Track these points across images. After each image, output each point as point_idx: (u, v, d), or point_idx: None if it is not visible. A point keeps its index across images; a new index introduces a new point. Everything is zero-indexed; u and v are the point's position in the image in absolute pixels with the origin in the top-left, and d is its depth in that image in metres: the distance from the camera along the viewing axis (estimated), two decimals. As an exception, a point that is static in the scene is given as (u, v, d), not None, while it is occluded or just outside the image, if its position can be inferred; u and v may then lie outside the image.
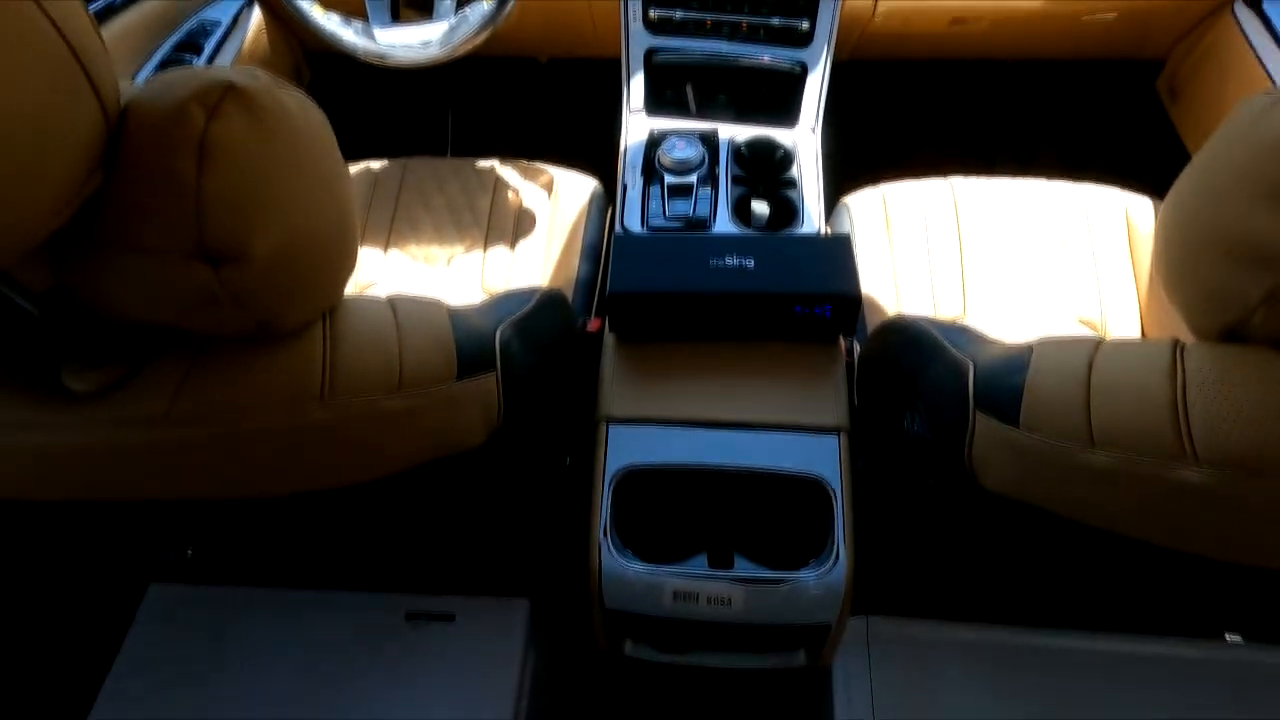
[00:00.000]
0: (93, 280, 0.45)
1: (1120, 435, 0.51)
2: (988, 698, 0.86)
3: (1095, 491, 0.54)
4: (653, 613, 0.77)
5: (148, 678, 0.90)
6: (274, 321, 0.50)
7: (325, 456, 0.55)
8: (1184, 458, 0.48)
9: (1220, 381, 0.48)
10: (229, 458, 0.52)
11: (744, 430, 0.81)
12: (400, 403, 0.56)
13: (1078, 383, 0.54)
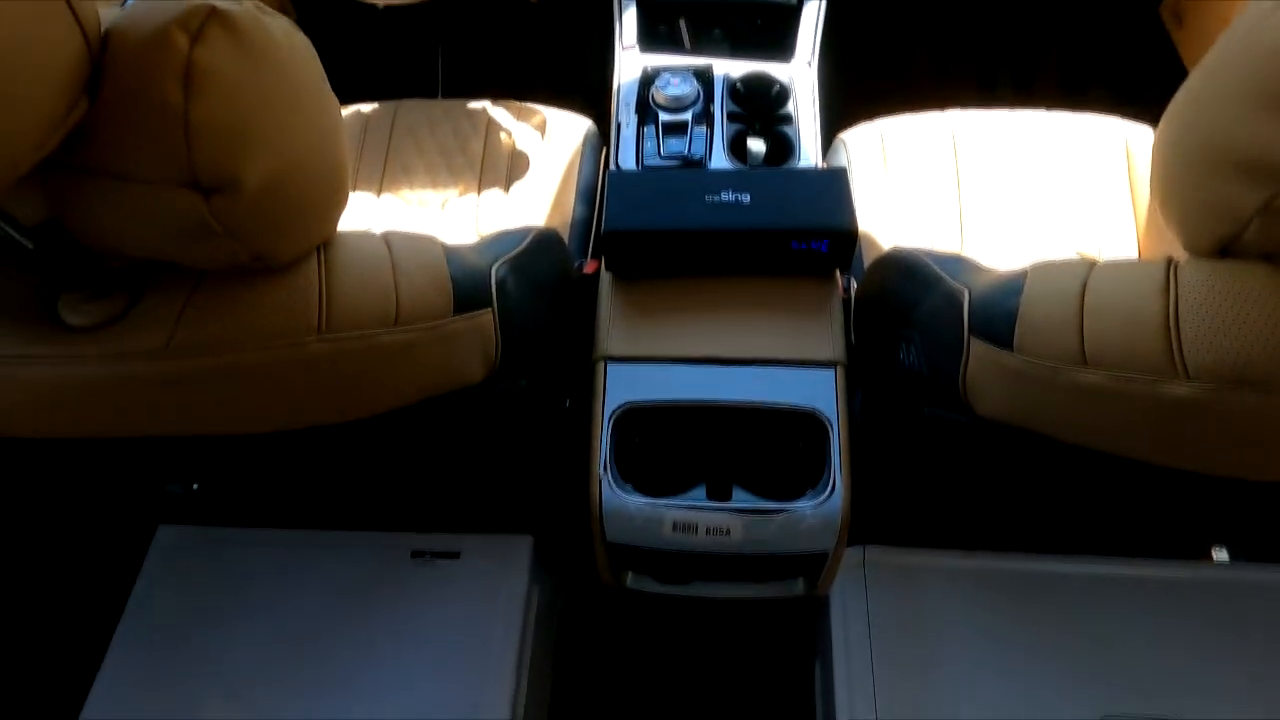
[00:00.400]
0: (84, 213, 0.45)
1: (1112, 354, 0.51)
2: (982, 622, 0.88)
3: (1087, 411, 0.55)
4: (653, 545, 0.78)
5: (159, 618, 0.92)
6: (268, 254, 0.50)
7: (326, 391, 0.56)
8: (1174, 374, 0.49)
9: (1212, 296, 0.48)
10: (231, 392, 0.53)
11: (741, 366, 0.81)
12: (398, 337, 0.56)
13: (1071, 304, 0.54)
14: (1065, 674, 0.85)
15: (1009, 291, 0.60)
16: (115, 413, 0.53)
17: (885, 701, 0.85)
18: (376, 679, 0.87)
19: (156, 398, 0.52)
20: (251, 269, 0.52)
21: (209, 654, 0.90)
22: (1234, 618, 0.88)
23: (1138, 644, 0.87)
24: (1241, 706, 0.83)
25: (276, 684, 0.87)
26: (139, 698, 0.87)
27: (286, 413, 0.56)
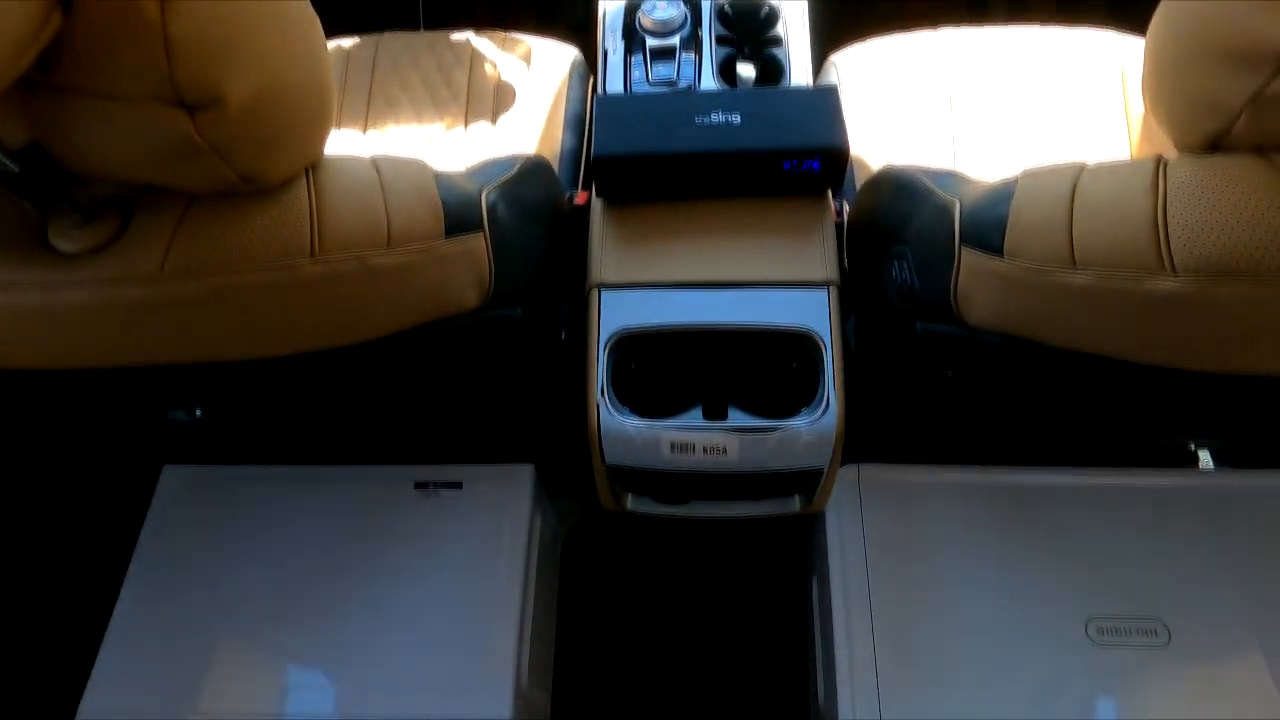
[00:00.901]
0: (66, 134, 0.45)
1: (1101, 253, 0.52)
2: (974, 534, 0.90)
3: (1075, 313, 0.55)
4: (651, 466, 0.80)
5: (169, 558, 0.94)
6: (257, 174, 0.49)
7: (323, 314, 0.56)
8: (1161, 270, 0.49)
9: (1199, 190, 0.48)
10: (226, 316, 0.53)
11: (734, 289, 0.82)
12: (391, 259, 0.57)
13: (1061, 205, 0.54)
14: (1053, 581, 0.88)
15: (999, 198, 0.60)
16: (109, 340, 0.53)
17: (881, 614, 0.88)
18: (384, 609, 0.90)
19: (150, 324, 0.52)
20: (240, 192, 0.51)
21: (219, 591, 0.92)
22: (1218, 523, 0.91)
23: (1124, 551, 0.89)
24: (1224, 608, 0.86)
25: (286, 618, 0.90)
26: (153, 636, 0.89)
27: (283, 337, 0.57)
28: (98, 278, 0.50)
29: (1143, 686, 0.83)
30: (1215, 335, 0.51)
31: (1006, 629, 0.86)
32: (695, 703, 1.13)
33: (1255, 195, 0.47)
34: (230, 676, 0.87)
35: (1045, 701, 0.82)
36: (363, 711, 0.84)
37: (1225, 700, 0.82)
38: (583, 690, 1.15)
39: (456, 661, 0.86)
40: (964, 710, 0.82)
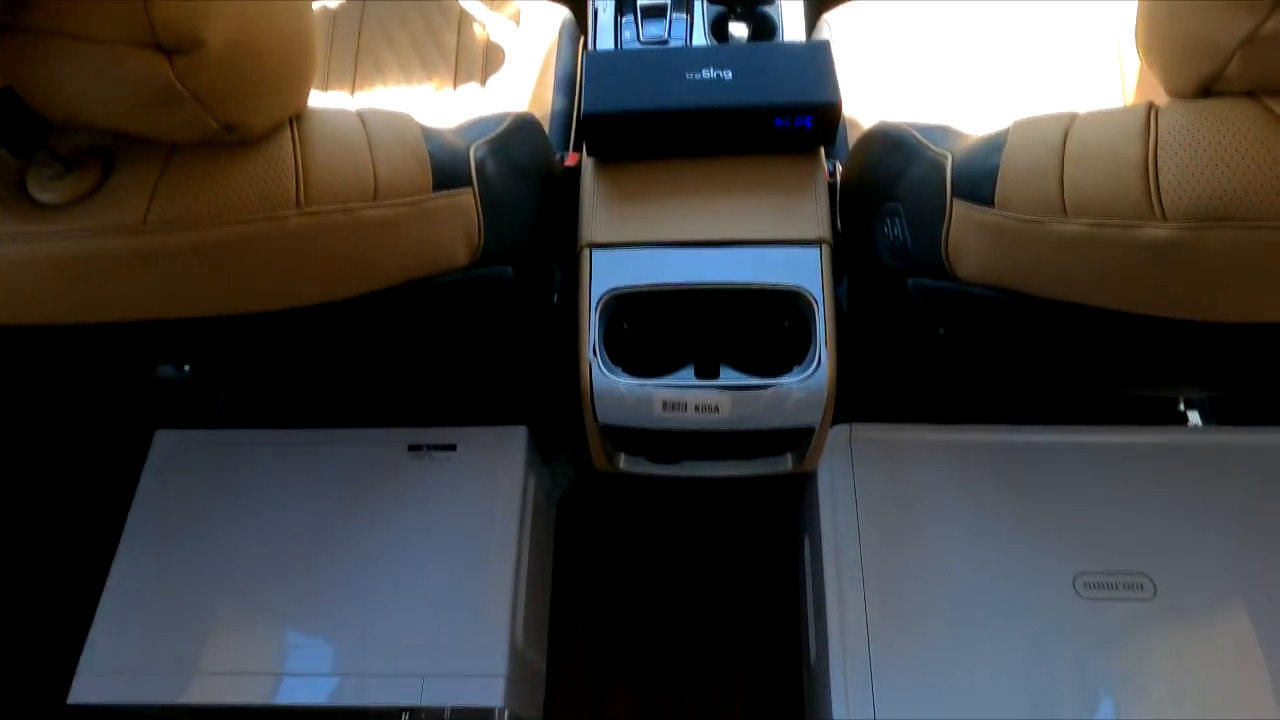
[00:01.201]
0: (41, 80, 0.44)
1: (1092, 201, 0.52)
2: (964, 491, 0.91)
3: (1066, 263, 0.55)
4: (644, 425, 0.80)
5: (163, 523, 0.95)
6: (239, 123, 0.49)
7: (311, 268, 0.56)
8: (1151, 216, 0.49)
9: (1191, 135, 0.48)
10: (212, 269, 0.52)
11: (726, 248, 0.81)
12: (380, 212, 0.56)
13: (1052, 154, 0.54)
14: (1042, 537, 0.89)
15: (991, 149, 0.60)
16: (93, 294, 0.53)
17: (871, 571, 0.89)
18: (378, 571, 0.90)
19: (135, 277, 0.52)
20: (224, 142, 0.51)
21: (214, 555, 0.92)
22: (1206, 479, 0.92)
23: (1112, 507, 0.90)
24: (1210, 563, 0.87)
25: (282, 580, 0.90)
26: (149, 600, 0.90)
27: (272, 291, 0.56)
28: (79, 228, 0.49)
29: (1129, 640, 0.84)
30: (1205, 283, 0.51)
31: (995, 585, 0.87)
32: (689, 660, 1.15)
33: (1246, 138, 0.46)
34: (227, 637, 0.88)
35: (1033, 655, 0.84)
36: (359, 669, 0.85)
37: (1209, 653, 0.83)
38: (578, 650, 1.16)
39: (451, 621, 0.87)
40: (953, 666, 0.83)
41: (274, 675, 0.86)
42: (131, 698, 0.86)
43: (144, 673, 0.87)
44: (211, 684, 0.86)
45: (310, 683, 0.85)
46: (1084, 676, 0.82)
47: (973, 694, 0.82)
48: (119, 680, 0.86)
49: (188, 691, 0.85)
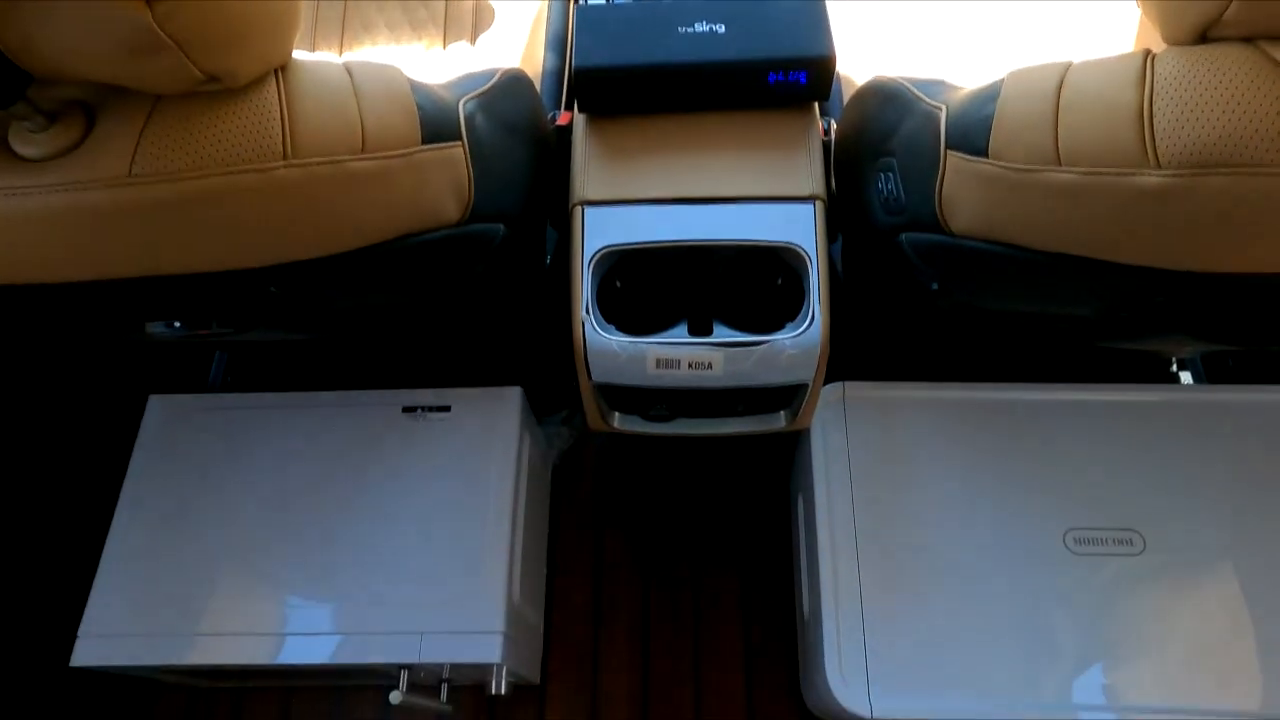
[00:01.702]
0: (19, 28, 0.43)
1: (1086, 150, 0.51)
2: (956, 449, 0.92)
3: (1059, 214, 0.55)
4: (637, 383, 0.80)
5: (159, 488, 0.95)
6: (222, 71, 0.48)
7: (300, 222, 0.55)
8: (1146, 164, 0.49)
9: (1186, 81, 0.48)
10: (200, 223, 0.52)
11: (719, 204, 0.81)
12: (369, 165, 0.55)
13: (1046, 103, 0.54)
14: (1033, 494, 0.90)
15: (985, 99, 0.59)
16: (78, 250, 0.52)
17: (864, 528, 0.89)
18: (376, 530, 0.91)
19: (121, 231, 0.51)
20: (208, 93, 0.50)
21: (211, 518, 0.93)
22: (1195, 437, 0.92)
23: (1103, 464, 0.91)
24: (1198, 518, 0.88)
25: (279, 542, 0.91)
26: (147, 565, 0.91)
27: (261, 246, 0.56)
28: (63, 182, 0.48)
29: (1118, 594, 0.85)
30: (1198, 233, 0.50)
31: (987, 541, 0.88)
32: (685, 618, 1.16)
33: (1243, 84, 0.46)
34: (227, 599, 0.88)
35: (1023, 609, 0.85)
36: (358, 628, 0.86)
37: (1194, 606, 0.85)
38: (576, 609, 1.17)
39: (449, 580, 0.88)
40: (945, 620, 0.85)
41: (275, 635, 0.87)
42: (134, 659, 0.87)
43: (145, 635, 0.87)
44: (214, 645, 0.86)
45: (311, 642, 0.86)
46: (1074, 630, 0.84)
47: (964, 648, 0.83)
48: (120, 643, 0.87)
49: (191, 652, 0.86)
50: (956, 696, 0.82)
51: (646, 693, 1.12)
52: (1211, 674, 0.82)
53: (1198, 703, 0.81)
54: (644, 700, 1.12)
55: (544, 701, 1.12)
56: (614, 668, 1.14)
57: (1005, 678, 0.82)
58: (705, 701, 1.11)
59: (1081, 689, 0.81)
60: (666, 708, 1.11)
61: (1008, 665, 0.83)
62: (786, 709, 1.10)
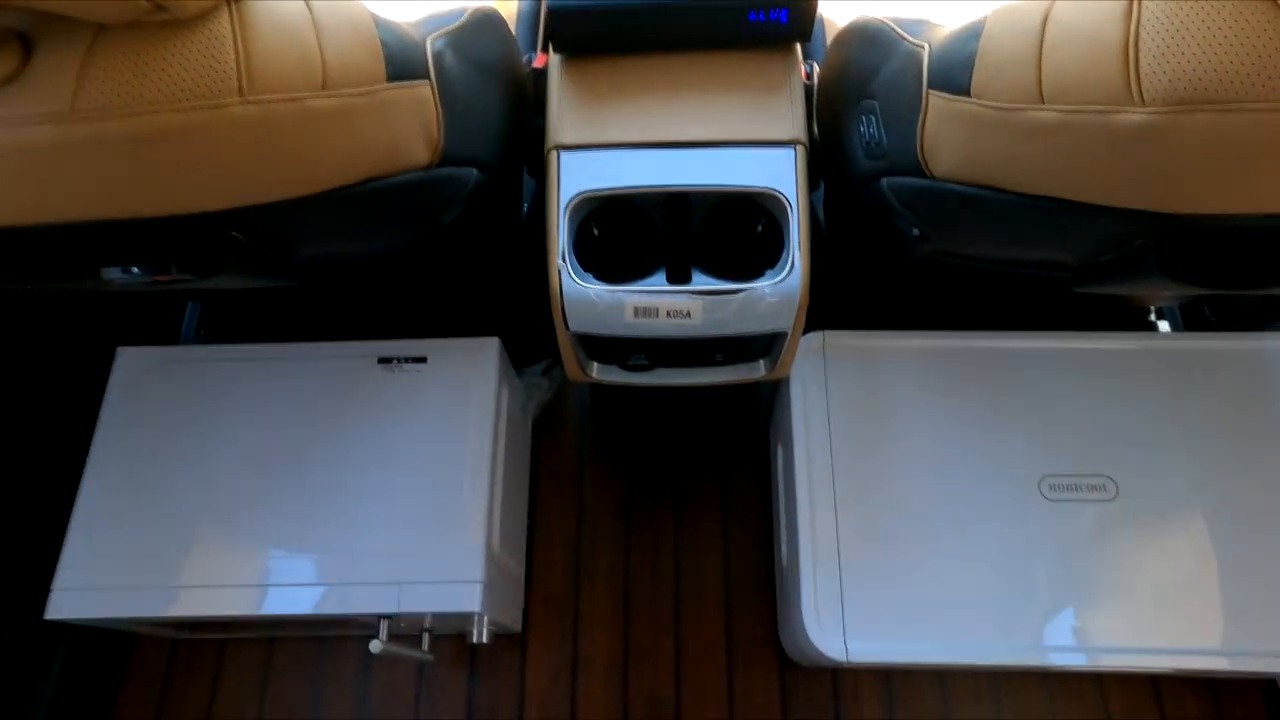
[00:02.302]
0: None
1: (1069, 86, 0.50)
2: (934, 397, 0.92)
3: (1040, 153, 0.54)
4: (616, 332, 0.79)
5: (130, 444, 0.93)
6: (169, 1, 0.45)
7: (259, 162, 0.53)
8: (1130, 101, 0.48)
9: (1174, 17, 0.46)
10: (153, 163, 0.50)
11: (698, 149, 0.79)
12: (330, 102, 0.53)
13: (1030, 39, 0.52)
14: (1010, 441, 0.91)
15: (968, 37, 0.58)
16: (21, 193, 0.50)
17: (842, 476, 0.90)
18: (353, 482, 0.90)
19: (66, 172, 0.49)
20: (155, 23, 0.47)
21: (185, 471, 0.92)
22: (1171, 385, 0.93)
23: (1079, 411, 0.92)
24: (1171, 465, 0.89)
25: (255, 494, 0.90)
26: (122, 518, 0.89)
27: (218, 189, 0.54)
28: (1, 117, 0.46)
29: (1090, 539, 0.87)
30: (1181, 172, 0.50)
31: (964, 488, 0.89)
32: (665, 567, 1.17)
33: (1229, 20, 0.45)
34: (204, 552, 0.88)
35: (998, 555, 0.86)
36: (338, 578, 0.85)
37: (1164, 551, 0.86)
38: (556, 560, 1.18)
39: (428, 530, 0.87)
40: (922, 567, 0.86)
41: (255, 587, 0.86)
42: (111, 611, 0.86)
43: (122, 587, 0.87)
44: (193, 596, 0.86)
45: (291, 593, 0.86)
46: (1047, 575, 0.85)
47: (939, 594, 0.85)
48: (97, 595, 0.87)
49: (169, 604, 0.86)
50: (931, 640, 0.83)
51: (627, 640, 1.14)
52: (1177, 615, 0.83)
53: (1163, 642, 0.83)
54: (625, 648, 1.13)
55: (525, 649, 1.13)
56: (595, 617, 1.15)
57: (979, 622, 0.84)
58: (685, 648, 1.13)
59: (1052, 632, 0.83)
60: (647, 654, 1.13)
61: (982, 610, 0.84)
62: (765, 654, 1.12)
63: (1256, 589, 0.84)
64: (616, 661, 1.12)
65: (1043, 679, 1.10)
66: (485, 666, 1.13)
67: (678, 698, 1.11)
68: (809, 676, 1.11)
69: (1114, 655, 0.82)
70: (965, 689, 1.10)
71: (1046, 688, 1.10)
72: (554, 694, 1.11)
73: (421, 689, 1.12)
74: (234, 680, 1.13)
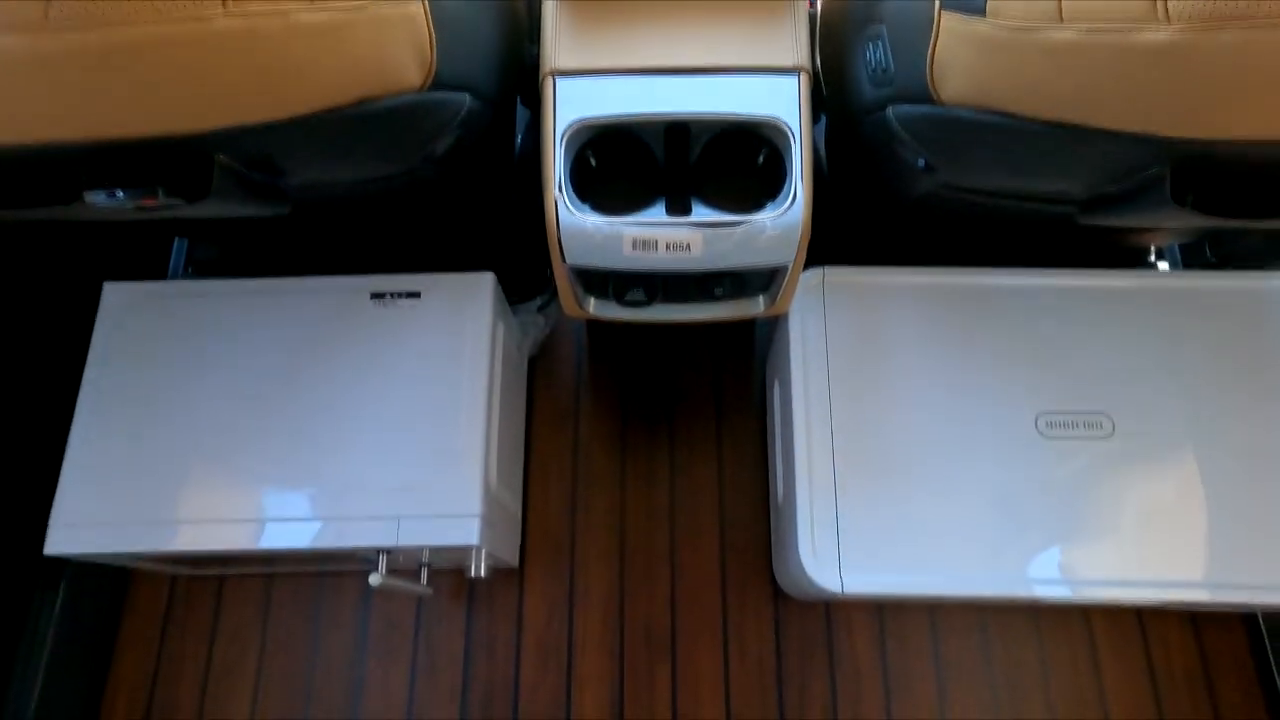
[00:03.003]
0: None
1: (1090, 5, 0.48)
2: (935, 334, 0.91)
3: (1056, 75, 0.52)
4: (614, 265, 0.77)
5: (120, 379, 0.92)
6: None
7: (244, 80, 0.51)
8: (1154, 18, 0.46)
9: None
10: (133, 78, 0.47)
11: (698, 75, 0.76)
12: (316, 17, 0.51)
13: None
14: (1008, 379, 0.90)
15: (986, -49, 0.55)
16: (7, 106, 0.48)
17: (840, 413, 0.90)
18: (349, 419, 0.89)
19: (42, 87, 0.46)
20: None
21: (178, 408, 0.91)
22: (1168, 323, 0.93)
23: (1077, 349, 0.92)
24: (1166, 403, 0.90)
25: (251, 430, 0.89)
26: (117, 454, 0.89)
27: (202, 107, 0.52)
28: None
29: (1084, 476, 0.87)
30: (1203, 93, 0.48)
31: (961, 426, 0.89)
32: (661, 503, 1.18)
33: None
34: (201, 486, 0.87)
35: (993, 491, 0.87)
36: (336, 512, 0.86)
37: (1156, 487, 0.87)
38: (553, 494, 1.19)
39: (425, 465, 0.87)
40: (917, 501, 0.86)
41: (253, 521, 0.86)
42: (109, 547, 0.86)
43: (120, 523, 0.87)
44: (192, 531, 0.86)
45: (289, 527, 0.86)
46: (1041, 511, 0.86)
47: (935, 528, 0.86)
48: (95, 531, 0.87)
49: (167, 539, 0.86)
50: (925, 573, 0.84)
51: (623, 575, 1.15)
52: (1162, 549, 0.85)
53: (1147, 575, 0.84)
54: (621, 582, 1.15)
55: (523, 584, 1.15)
56: (591, 552, 1.16)
57: (972, 555, 0.85)
58: (681, 583, 1.15)
59: (1042, 565, 0.84)
60: (643, 588, 1.14)
61: (975, 543, 0.85)
62: (759, 588, 1.14)
63: (1241, 525, 0.85)
64: (613, 595, 1.14)
65: (1031, 613, 1.13)
66: (483, 601, 1.14)
67: (673, 631, 1.13)
68: (802, 609, 1.13)
69: (1099, 588, 0.84)
70: (955, 622, 1.12)
71: (1034, 622, 1.12)
72: (551, 627, 1.13)
73: (420, 623, 1.14)
74: (234, 616, 1.15)
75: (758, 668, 1.11)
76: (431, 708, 1.10)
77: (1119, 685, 1.09)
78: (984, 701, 1.09)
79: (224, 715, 1.10)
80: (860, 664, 1.11)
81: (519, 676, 1.11)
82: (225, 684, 1.12)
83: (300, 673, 1.12)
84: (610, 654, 1.12)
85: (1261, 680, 1.09)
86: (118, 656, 1.13)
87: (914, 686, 1.09)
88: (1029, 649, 1.11)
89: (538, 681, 1.11)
